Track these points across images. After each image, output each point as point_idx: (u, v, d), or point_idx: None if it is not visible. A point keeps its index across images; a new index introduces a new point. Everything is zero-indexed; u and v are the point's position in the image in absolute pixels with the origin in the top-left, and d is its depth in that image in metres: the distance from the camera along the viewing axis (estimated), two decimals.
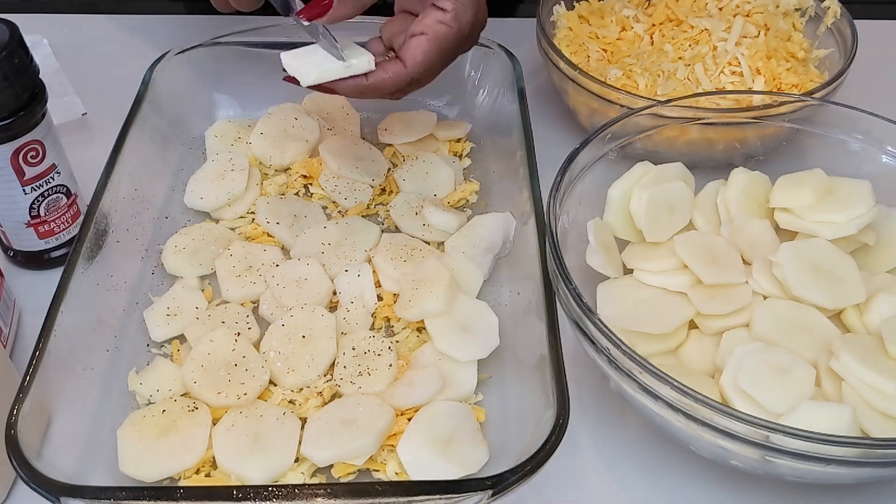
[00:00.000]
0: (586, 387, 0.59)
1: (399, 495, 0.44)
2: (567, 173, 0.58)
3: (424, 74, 0.59)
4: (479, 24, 0.62)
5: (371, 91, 0.58)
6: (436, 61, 0.59)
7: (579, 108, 0.76)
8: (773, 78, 0.74)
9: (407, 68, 0.58)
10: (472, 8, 0.59)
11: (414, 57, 0.58)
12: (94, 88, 0.83)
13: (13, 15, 0.63)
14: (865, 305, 0.55)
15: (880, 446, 0.44)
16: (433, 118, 0.77)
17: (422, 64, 0.58)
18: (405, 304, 0.60)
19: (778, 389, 0.49)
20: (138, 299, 0.62)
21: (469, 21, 0.59)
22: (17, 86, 0.57)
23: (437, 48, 0.58)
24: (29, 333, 0.62)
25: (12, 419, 0.47)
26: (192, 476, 0.52)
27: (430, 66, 0.58)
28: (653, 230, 0.59)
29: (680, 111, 0.64)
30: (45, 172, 0.61)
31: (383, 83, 0.58)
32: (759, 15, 0.76)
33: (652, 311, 0.56)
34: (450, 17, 0.58)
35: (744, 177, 0.62)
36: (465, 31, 0.59)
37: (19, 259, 0.66)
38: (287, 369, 0.56)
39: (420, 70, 0.58)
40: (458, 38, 0.59)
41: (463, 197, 0.71)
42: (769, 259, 0.57)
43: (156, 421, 0.53)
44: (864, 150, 0.63)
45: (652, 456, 0.55)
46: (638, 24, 0.78)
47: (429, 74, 0.60)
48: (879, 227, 0.60)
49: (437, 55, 0.58)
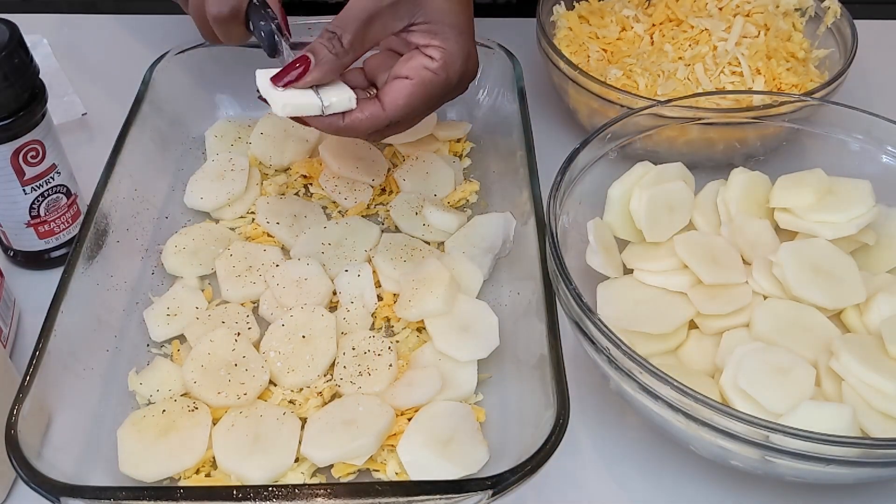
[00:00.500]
0: (586, 387, 0.59)
1: (399, 495, 0.44)
2: (567, 173, 0.58)
3: (404, 119, 0.56)
4: (470, 74, 0.59)
5: (346, 131, 0.56)
6: (418, 106, 0.56)
7: (579, 108, 0.76)
8: (772, 78, 0.74)
9: (385, 111, 0.55)
10: (461, 58, 0.56)
11: (395, 100, 0.55)
12: (94, 88, 0.83)
13: (13, 15, 0.63)
14: (865, 305, 0.55)
15: (880, 446, 0.44)
16: (433, 118, 0.77)
17: (402, 108, 0.55)
18: (405, 304, 0.60)
19: (778, 389, 0.49)
20: (138, 299, 0.62)
21: (458, 71, 0.57)
22: (17, 86, 0.57)
23: (422, 94, 0.56)
24: (29, 333, 0.62)
25: (12, 419, 0.47)
26: (192, 476, 0.52)
27: (410, 111, 0.56)
28: (653, 230, 0.59)
29: (680, 111, 0.64)
30: (45, 172, 0.61)
31: (360, 124, 0.55)
32: (759, 15, 0.76)
33: (652, 311, 0.56)
34: (437, 65, 0.55)
35: (744, 177, 0.62)
36: (452, 81, 0.57)
37: (19, 259, 0.66)
38: (287, 369, 0.56)
39: (399, 114, 0.56)
40: (445, 87, 0.57)
41: (463, 197, 0.71)
42: (769, 259, 0.57)
43: (156, 421, 0.53)
44: (864, 150, 0.63)
45: (652, 456, 0.55)
46: (638, 24, 0.78)
47: (409, 119, 0.57)
48: (879, 227, 0.60)
49: (420, 101, 0.56)
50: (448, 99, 0.59)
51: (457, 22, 0.56)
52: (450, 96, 0.59)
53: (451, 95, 0.59)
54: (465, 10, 0.57)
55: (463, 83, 0.59)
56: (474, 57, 0.59)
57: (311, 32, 0.77)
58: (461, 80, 0.58)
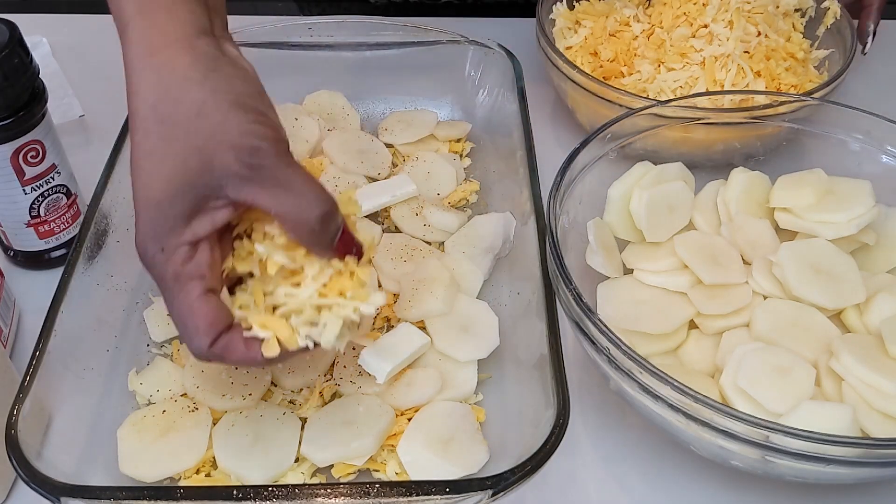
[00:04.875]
0: (586, 387, 0.59)
1: (399, 495, 0.44)
2: (567, 173, 0.58)
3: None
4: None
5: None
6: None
7: (579, 108, 0.76)
8: (772, 78, 0.74)
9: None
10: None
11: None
12: (93, 88, 0.83)
13: (13, 15, 0.63)
14: (865, 305, 0.55)
15: (880, 446, 0.44)
16: (433, 118, 0.77)
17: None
18: (405, 304, 0.60)
19: (778, 389, 0.49)
20: (138, 299, 0.62)
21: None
22: (17, 86, 0.57)
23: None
24: (29, 333, 0.62)
25: (12, 419, 0.47)
26: (192, 476, 0.52)
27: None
28: (653, 230, 0.59)
29: (680, 111, 0.64)
30: (45, 172, 0.61)
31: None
32: (758, 15, 0.76)
33: (652, 311, 0.56)
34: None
35: (744, 177, 0.62)
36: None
37: (19, 259, 0.66)
38: (287, 370, 0.56)
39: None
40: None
41: (463, 197, 0.71)
42: (769, 259, 0.57)
43: (156, 421, 0.53)
44: (864, 150, 0.63)
45: (652, 456, 0.55)
46: (638, 24, 0.78)
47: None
48: (879, 227, 0.60)
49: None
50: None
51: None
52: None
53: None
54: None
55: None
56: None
57: (311, 32, 0.77)
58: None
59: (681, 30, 0.75)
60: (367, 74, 0.78)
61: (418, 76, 0.78)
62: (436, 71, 0.78)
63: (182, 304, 0.43)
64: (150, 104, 0.41)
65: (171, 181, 0.41)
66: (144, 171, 0.42)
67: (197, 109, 0.41)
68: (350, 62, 0.78)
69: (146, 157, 0.41)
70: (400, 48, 0.77)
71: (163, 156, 0.41)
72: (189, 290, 0.43)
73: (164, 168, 0.41)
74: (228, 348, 0.44)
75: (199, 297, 0.43)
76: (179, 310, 0.43)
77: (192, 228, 0.42)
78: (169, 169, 0.41)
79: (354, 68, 0.78)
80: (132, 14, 0.43)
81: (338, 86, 0.79)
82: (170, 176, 0.41)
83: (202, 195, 0.42)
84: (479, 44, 0.76)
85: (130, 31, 0.43)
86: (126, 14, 0.44)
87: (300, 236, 0.44)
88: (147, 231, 0.42)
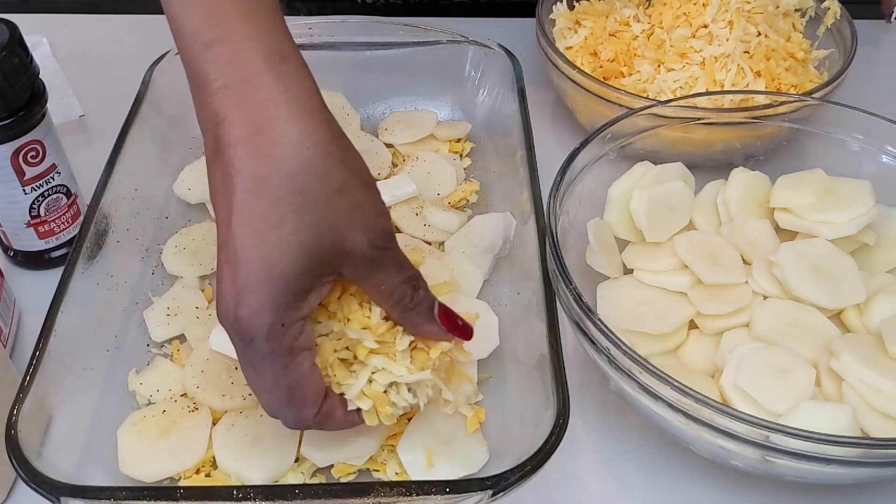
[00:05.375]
0: (586, 387, 0.59)
1: (399, 495, 0.44)
2: (567, 173, 0.58)
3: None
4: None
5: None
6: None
7: (579, 108, 0.76)
8: (772, 78, 0.74)
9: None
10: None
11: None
12: (93, 88, 0.83)
13: (13, 15, 0.63)
14: (865, 305, 0.55)
15: (880, 446, 0.44)
16: (433, 118, 0.77)
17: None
18: None
19: (778, 389, 0.49)
20: (138, 299, 0.62)
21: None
22: (17, 86, 0.57)
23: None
24: (29, 333, 0.62)
25: (12, 419, 0.47)
26: (192, 476, 0.52)
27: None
28: (653, 230, 0.59)
29: (680, 111, 0.64)
30: (45, 172, 0.61)
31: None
32: (758, 15, 0.76)
33: (652, 311, 0.56)
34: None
35: (744, 177, 0.62)
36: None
37: (19, 259, 0.66)
38: None
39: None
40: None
41: (463, 197, 0.71)
42: (769, 259, 0.57)
43: (156, 421, 0.53)
44: (864, 150, 0.63)
45: (652, 456, 0.55)
46: (638, 24, 0.78)
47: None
48: (879, 227, 0.60)
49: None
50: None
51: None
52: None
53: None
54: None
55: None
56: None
57: (311, 32, 0.77)
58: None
59: (681, 30, 0.75)
60: (367, 74, 0.78)
61: (418, 76, 0.78)
62: (436, 71, 0.78)
63: (292, 376, 0.43)
64: (287, 173, 0.39)
65: (301, 255, 0.40)
66: (269, 242, 0.39)
67: (339, 187, 0.41)
68: (350, 62, 0.78)
69: (274, 227, 0.39)
70: (400, 48, 0.77)
71: (294, 229, 0.40)
72: (300, 363, 0.43)
73: (294, 241, 0.40)
74: (330, 415, 0.45)
75: (309, 369, 0.43)
76: (288, 382, 0.43)
77: (309, 302, 0.42)
78: (299, 243, 0.40)
79: (354, 68, 0.78)
80: (261, 69, 0.40)
81: (338, 86, 0.78)
82: (301, 250, 0.40)
83: (325, 272, 0.42)
84: (479, 44, 0.76)
85: (259, 85, 0.40)
86: (254, 66, 0.40)
87: (397, 312, 0.45)
88: (266, 304, 0.40)
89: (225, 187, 0.40)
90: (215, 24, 0.40)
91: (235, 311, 0.40)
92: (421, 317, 0.45)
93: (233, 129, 0.40)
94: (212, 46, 0.40)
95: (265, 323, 0.41)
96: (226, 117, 0.40)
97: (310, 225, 0.40)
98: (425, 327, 0.46)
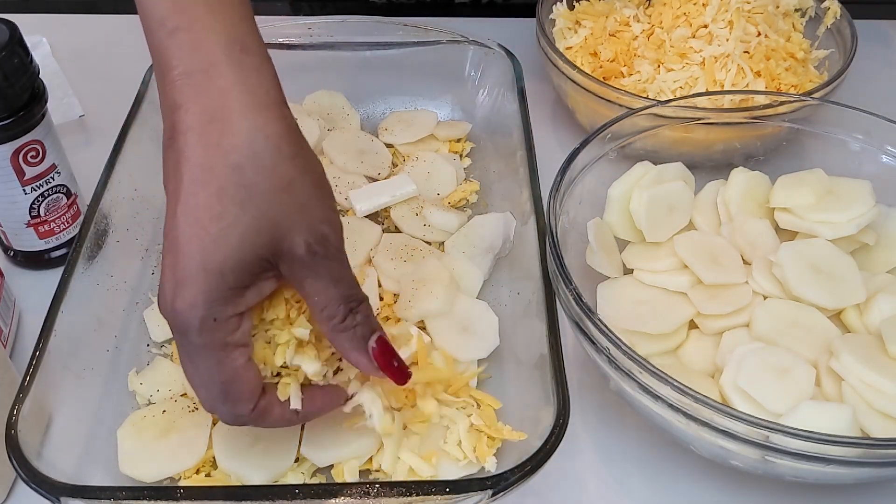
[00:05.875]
0: (586, 387, 0.59)
1: (399, 495, 0.44)
2: (567, 173, 0.58)
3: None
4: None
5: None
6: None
7: (579, 108, 0.76)
8: (772, 78, 0.74)
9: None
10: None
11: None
12: (93, 88, 0.83)
13: (13, 15, 0.63)
14: (865, 305, 0.55)
15: (880, 446, 0.44)
16: (433, 118, 0.77)
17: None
18: (405, 304, 0.60)
19: (778, 389, 0.49)
20: (138, 299, 0.62)
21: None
22: (17, 86, 0.57)
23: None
24: (29, 333, 0.62)
25: (12, 419, 0.47)
26: (192, 476, 0.52)
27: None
28: (653, 230, 0.59)
29: (680, 111, 0.64)
30: (45, 172, 0.61)
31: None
32: (758, 15, 0.76)
33: (652, 311, 0.56)
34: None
35: (744, 177, 0.62)
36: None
37: (19, 259, 0.66)
38: None
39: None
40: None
41: (463, 197, 0.71)
42: (769, 259, 0.57)
43: (156, 421, 0.53)
44: (864, 150, 0.63)
45: (652, 456, 0.55)
46: (638, 24, 0.78)
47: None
48: (879, 227, 0.60)
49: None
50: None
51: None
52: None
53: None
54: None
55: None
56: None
57: (311, 32, 0.77)
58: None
59: (681, 30, 0.75)
60: (367, 74, 0.78)
61: (418, 76, 0.78)
62: (436, 71, 0.78)
63: (226, 371, 0.42)
64: (233, 164, 0.39)
65: (240, 250, 0.39)
66: (208, 234, 0.39)
67: (285, 184, 0.40)
68: (350, 62, 0.78)
69: (215, 219, 0.39)
70: (400, 48, 0.77)
71: (235, 222, 0.39)
72: (235, 358, 0.42)
73: (233, 235, 0.39)
74: (267, 412, 0.45)
75: (244, 365, 0.43)
76: (222, 377, 0.42)
77: (246, 299, 0.42)
78: (239, 238, 0.39)
79: (354, 68, 0.78)
80: (220, 59, 0.40)
81: (338, 86, 0.79)
82: (240, 245, 0.39)
83: (264, 269, 0.41)
84: (479, 44, 0.76)
85: (217, 75, 0.40)
86: (214, 56, 0.40)
87: (327, 328, 0.44)
88: (200, 297, 0.39)
89: (175, 175, 0.40)
90: (181, 11, 0.40)
91: (173, 302, 0.40)
92: (350, 343, 0.44)
93: (188, 116, 0.40)
94: (175, 33, 0.40)
95: (199, 316, 0.40)
96: (182, 104, 0.40)
97: (251, 219, 0.39)
98: (352, 355, 0.44)
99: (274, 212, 0.40)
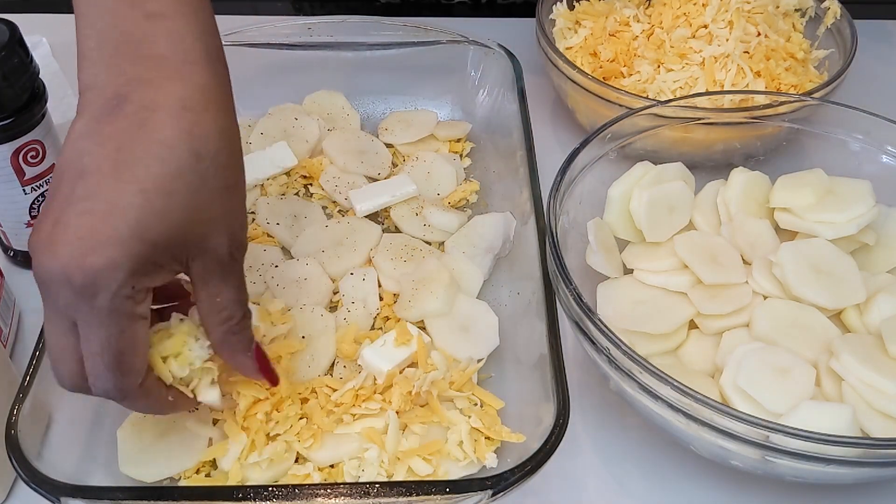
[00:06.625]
0: (586, 387, 0.59)
1: (399, 495, 0.44)
2: (567, 173, 0.58)
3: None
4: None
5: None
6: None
7: (579, 108, 0.76)
8: (772, 78, 0.74)
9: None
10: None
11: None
12: None
13: (13, 15, 0.63)
14: (865, 305, 0.55)
15: (880, 446, 0.44)
16: (433, 118, 0.77)
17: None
18: (405, 304, 0.60)
19: (778, 389, 0.49)
20: None
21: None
22: (17, 86, 0.57)
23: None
24: (29, 333, 0.62)
25: (12, 419, 0.47)
26: (192, 476, 0.52)
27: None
28: (653, 230, 0.59)
29: (680, 111, 0.64)
30: (45, 172, 0.61)
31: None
32: (758, 15, 0.76)
33: (652, 311, 0.56)
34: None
35: (744, 177, 0.62)
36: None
37: (19, 259, 0.66)
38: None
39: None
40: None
41: (463, 197, 0.71)
42: (769, 259, 0.57)
43: (156, 421, 0.53)
44: (864, 150, 0.63)
45: (652, 456, 0.55)
46: (637, 24, 0.78)
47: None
48: (879, 227, 0.60)
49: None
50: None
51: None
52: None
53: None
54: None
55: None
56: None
57: (311, 32, 0.77)
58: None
59: (680, 30, 0.75)
60: (367, 74, 0.78)
61: (418, 76, 0.78)
62: (436, 71, 0.78)
63: (126, 340, 0.42)
64: (196, 152, 0.41)
65: (176, 231, 0.40)
66: (152, 206, 0.39)
67: (231, 185, 0.43)
68: (350, 62, 0.78)
69: (163, 195, 0.40)
70: (400, 48, 0.77)
71: (183, 204, 0.40)
72: (137, 329, 0.42)
73: (176, 214, 0.40)
74: (150, 391, 0.45)
75: (143, 339, 0.43)
76: (120, 345, 0.42)
77: (158, 278, 0.42)
78: (178, 219, 0.40)
79: (354, 68, 0.78)
80: (201, 57, 0.43)
81: (338, 86, 0.79)
82: (179, 225, 0.40)
83: (179, 257, 0.42)
84: (479, 44, 0.76)
85: (199, 74, 0.42)
86: (195, 53, 0.42)
87: (222, 329, 0.45)
88: (126, 262, 0.39)
89: (120, 138, 0.40)
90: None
91: (84, 257, 0.39)
92: (241, 344, 0.47)
93: (159, 96, 0.41)
94: (155, 18, 0.42)
95: (119, 279, 0.39)
96: (152, 81, 0.41)
97: (195, 208, 0.41)
98: (240, 357, 0.47)
99: (215, 207, 0.42)
